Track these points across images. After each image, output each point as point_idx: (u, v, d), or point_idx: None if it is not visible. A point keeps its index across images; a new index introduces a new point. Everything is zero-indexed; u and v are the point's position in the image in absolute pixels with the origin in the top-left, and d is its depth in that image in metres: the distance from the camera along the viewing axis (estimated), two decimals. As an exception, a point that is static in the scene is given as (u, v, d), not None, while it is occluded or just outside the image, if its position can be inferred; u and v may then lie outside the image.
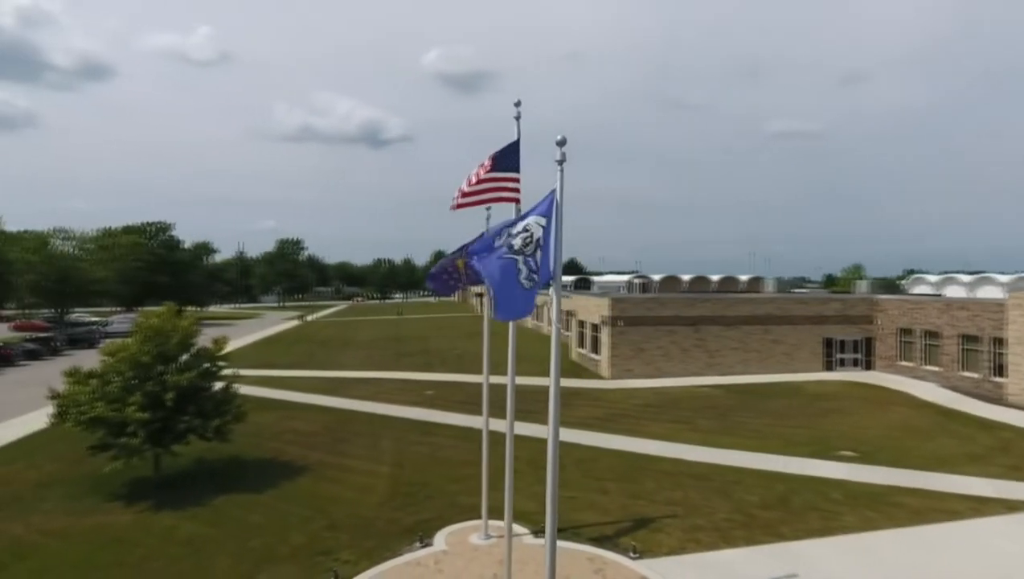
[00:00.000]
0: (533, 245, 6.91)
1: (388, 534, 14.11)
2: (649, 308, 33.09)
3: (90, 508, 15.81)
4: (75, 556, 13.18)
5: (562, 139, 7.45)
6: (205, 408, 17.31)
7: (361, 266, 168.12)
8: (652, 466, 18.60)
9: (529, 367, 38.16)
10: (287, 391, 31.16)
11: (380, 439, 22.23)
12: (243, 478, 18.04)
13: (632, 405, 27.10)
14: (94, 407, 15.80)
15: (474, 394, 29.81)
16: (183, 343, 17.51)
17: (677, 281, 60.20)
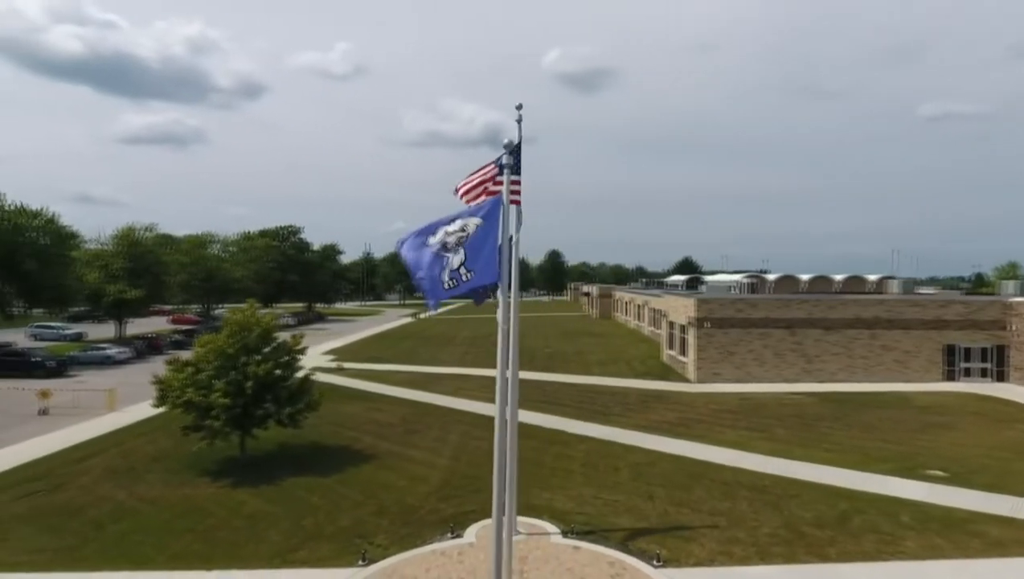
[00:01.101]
0: (465, 240, 7.17)
1: (427, 523, 14.76)
2: (739, 309, 31.47)
3: (183, 481, 17.92)
4: (158, 521, 15.07)
5: (509, 143, 7.60)
6: (281, 397, 18.98)
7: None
8: (709, 474, 17.90)
9: (618, 369, 37.89)
10: (380, 384, 33.07)
11: (448, 433, 23.10)
12: (315, 463, 19.55)
13: (711, 410, 26.02)
14: (185, 392, 17.90)
15: (553, 393, 30.11)
16: (263, 337, 19.29)
17: (795, 281, 56.53)
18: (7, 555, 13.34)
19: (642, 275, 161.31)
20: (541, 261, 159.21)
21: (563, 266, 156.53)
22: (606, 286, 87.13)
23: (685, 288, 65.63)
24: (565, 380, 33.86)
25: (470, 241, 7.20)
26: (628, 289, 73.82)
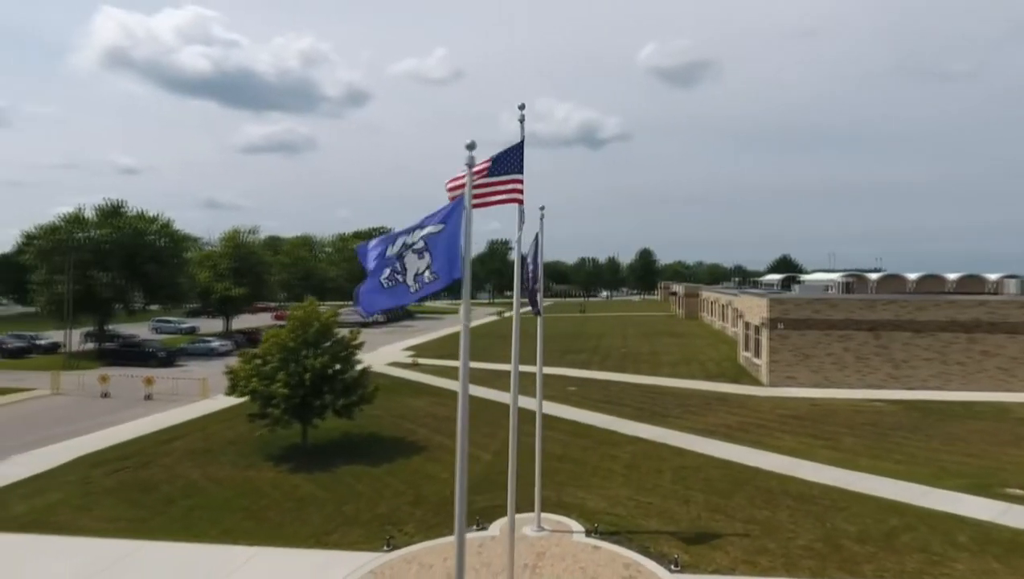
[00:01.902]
0: (407, 249, 7.44)
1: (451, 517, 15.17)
2: (816, 309, 29.69)
3: (249, 464, 19.43)
4: (220, 499, 16.49)
5: (471, 143, 7.83)
6: (337, 389, 20.14)
7: (571, 264, 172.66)
8: (756, 481, 17.19)
9: (690, 370, 36.83)
10: (447, 379, 34.04)
11: (499, 428, 23.46)
12: (370, 452, 20.57)
13: (776, 415, 24.82)
14: (250, 382, 19.41)
15: (616, 393, 29.82)
16: (321, 332, 20.52)
17: (901, 281, 52.61)
18: (90, 522, 15.09)
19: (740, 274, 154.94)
20: (632, 260, 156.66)
21: (654, 265, 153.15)
22: (693, 285, 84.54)
23: (780, 288, 62.60)
24: (632, 380, 33.37)
25: (434, 245, 7.49)
26: (714, 289, 71.24)
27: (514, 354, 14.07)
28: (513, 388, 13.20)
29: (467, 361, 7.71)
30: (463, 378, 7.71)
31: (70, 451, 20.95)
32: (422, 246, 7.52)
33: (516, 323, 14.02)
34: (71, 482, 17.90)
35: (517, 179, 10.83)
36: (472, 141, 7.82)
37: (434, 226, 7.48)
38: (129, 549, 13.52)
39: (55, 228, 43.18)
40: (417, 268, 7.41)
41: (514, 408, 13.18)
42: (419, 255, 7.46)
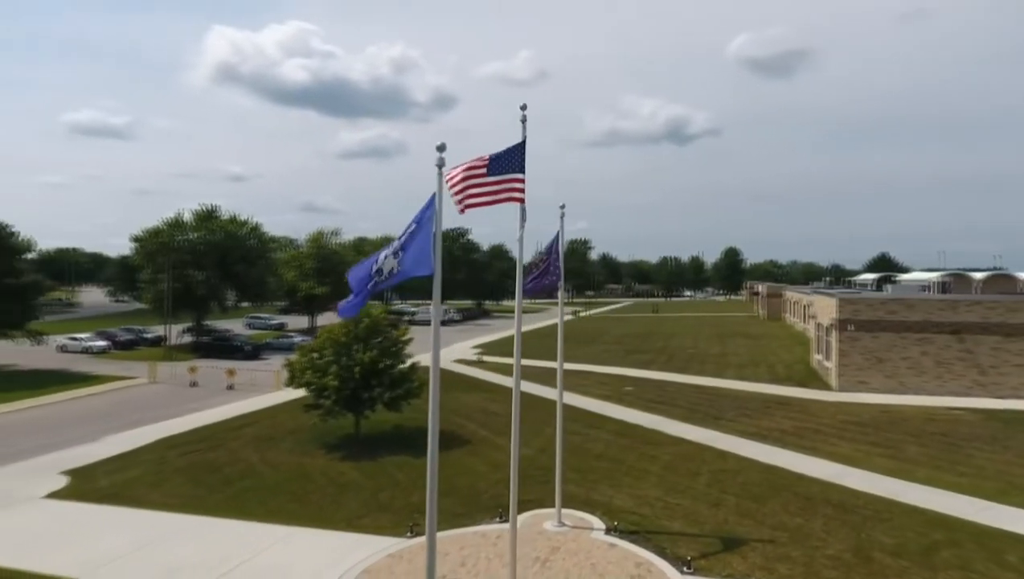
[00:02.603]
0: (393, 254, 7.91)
1: (484, 507, 15.64)
2: (891, 310, 27.81)
3: (304, 451, 20.72)
4: (272, 482, 17.74)
5: (442, 145, 8.19)
6: (384, 382, 21.08)
7: (654, 263, 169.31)
8: (796, 487, 16.54)
9: (756, 372, 35.53)
10: (506, 377, 34.55)
11: (546, 425, 23.68)
12: (416, 444, 21.34)
13: (837, 421, 23.57)
14: (304, 374, 20.70)
15: (672, 394, 29.32)
16: (370, 328, 21.54)
17: (1011, 281, 48.52)
18: (157, 497, 16.67)
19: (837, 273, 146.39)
20: (717, 259, 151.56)
21: (740, 264, 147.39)
22: (776, 285, 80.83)
23: (873, 288, 58.98)
24: (692, 382, 32.61)
25: (408, 244, 7.94)
26: (798, 289, 67.84)
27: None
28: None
29: (438, 355, 8.11)
30: (434, 378, 8.10)
31: (154, 434, 23.09)
32: (399, 247, 7.98)
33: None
34: (149, 461, 19.79)
35: (518, 178, 11.02)
36: (442, 143, 8.19)
37: (412, 227, 7.92)
38: (185, 523, 14.87)
39: (158, 231, 47.35)
40: (390, 265, 7.88)
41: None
42: (394, 254, 7.91)
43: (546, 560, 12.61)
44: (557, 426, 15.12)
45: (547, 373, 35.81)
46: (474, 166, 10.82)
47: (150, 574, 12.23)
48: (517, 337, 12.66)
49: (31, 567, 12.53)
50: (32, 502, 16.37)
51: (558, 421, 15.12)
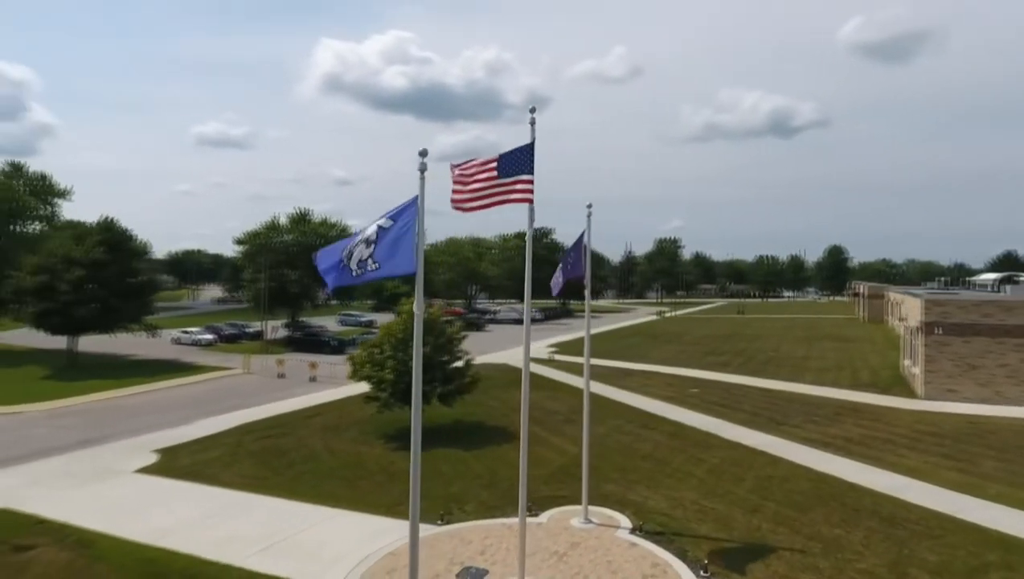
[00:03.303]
0: (359, 241, 8.45)
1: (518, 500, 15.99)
2: (985, 313, 25.43)
3: (364, 441, 21.96)
4: (328, 467, 19.00)
5: (423, 150, 8.66)
6: (437, 377, 21.95)
7: (750, 262, 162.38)
8: (844, 497, 15.76)
9: (837, 377, 33.68)
10: (573, 376, 34.69)
11: (600, 425, 23.71)
12: (469, 438, 22.10)
13: (912, 431, 21.99)
14: (363, 368, 21.94)
15: (738, 397, 28.44)
16: (425, 325, 22.43)
17: None
18: (228, 475, 18.32)
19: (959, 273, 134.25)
20: (820, 258, 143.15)
21: (845, 263, 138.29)
22: (877, 286, 75.28)
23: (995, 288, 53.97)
24: (764, 385, 31.38)
25: (380, 238, 8.48)
26: (901, 289, 62.91)
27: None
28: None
29: (420, 353, 8.62)
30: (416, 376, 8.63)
31: (236, 419, 25.21)
32: (373, 238, 8.53)
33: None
34: (227, 444, 21.70)
35: (527, 179, 11.29)
36: (424, 149, 8.68)
37: (385, 221, 8.48)
38: (246, 500, 16.32)
39: (257, 233, 51.20)
40: (362, 255, 8.45)
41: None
42: (367, 244, 8.48)
43: (564, 555, 12.85)
44: (584, 425, 15.27)
45: (615, 373, 35.65)
46: (485, 168, 11.24)
47: (205, 543, 13.58)
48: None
49: (110, 530, 14.26)
50: (124, 475, 18.48)
51: (584, 420, 15.27)
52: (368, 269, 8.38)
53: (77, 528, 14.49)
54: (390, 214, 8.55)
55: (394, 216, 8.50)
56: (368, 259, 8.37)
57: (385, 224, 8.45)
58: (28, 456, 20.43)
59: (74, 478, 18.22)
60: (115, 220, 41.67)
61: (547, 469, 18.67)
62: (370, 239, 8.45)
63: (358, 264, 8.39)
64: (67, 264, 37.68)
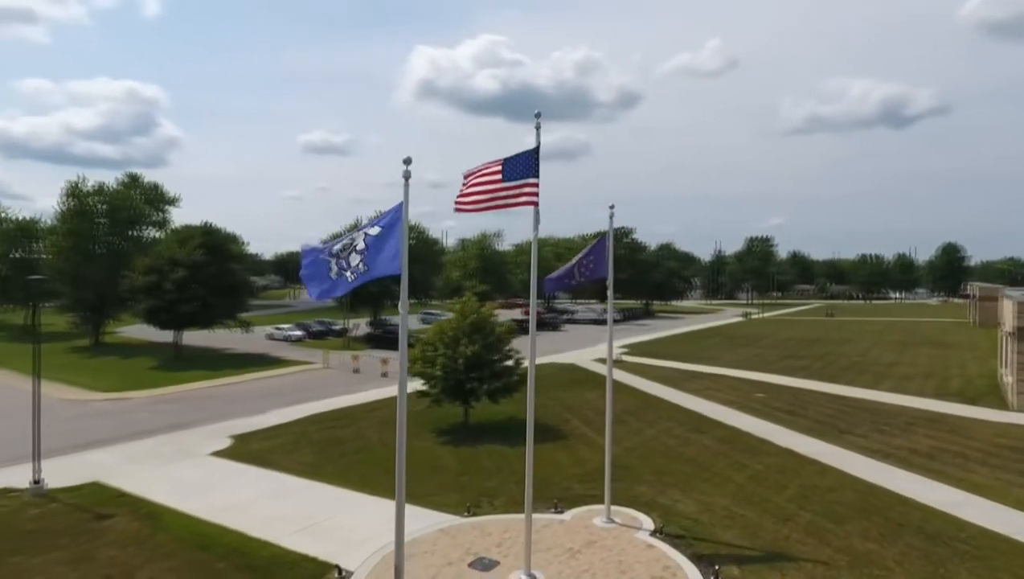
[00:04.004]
0: (349, 250, 9.03)
1: (548, 497, 16.28)
2: (1089, 319, 22.87)
3: (417, 435, 22.82)
4: (378, 458, 19.98)
5: (408, 158, 9.18)
6: (484, 375, 22.57)
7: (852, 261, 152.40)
8: (889, 511, 14.92)
9: (921, 386, 31.54)
10: (637, 377, 34.39)
11: (650, 426, 23.56)
12: (516, 435, 22.27)
13: (991, 445, 20.25)
14: (416, 364, 22.93)
15: (804, 404, 27.30)
16: (475, 324, 23.14)
17: None
18: (288, 462, 19.74)
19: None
20: (932, 257, 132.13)
21: (961, 262, 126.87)
22: (991, 287, 68.57)
23: None
24: (836, 392, 29.79)
25: (369, 244, 9.08)
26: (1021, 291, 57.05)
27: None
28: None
29: (405, 351, 9.18)
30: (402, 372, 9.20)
31: (306, 410, 26.97)
32: (363, 247, 9.18)
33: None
34: (293, 432, 23.34)
35: (532, 183, 11.61)
36: (408, 157, 9.23)
37: (374, 230, 9.11)
38: (296, 484, 17.64)
39: (337, 235, 54.06)
40: (354, 263, 9.10)
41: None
42: (359, 254, 9.13)
43: (578, 552, 13.06)
44: (607, 425, 15.36)
45: (681, 375, 34.98)
46: (490, 172, 11.67)
47: (253, 521, 14.85)
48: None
49: (176, 505, 15.88)
50: (199, 458, 20.38)
51: (608, 420, 15.36)
52: (359, 273, 9.05)
53: (150, 502, 16.25)
54: (377, 223, 9.18)
55: (383, 224, 9.13)
56: (359, 264, 9.04)
57: (374, 232, 9.09)
58: (127, 437, 22.92)
59: (158, 458, 20.32)
60: (213, 224, 45.41)
61: (584, 468, 18.82)
62: (360, 248, 9.11)
63: (351, 271, 9.07)
64: (172, 265, 41.51)
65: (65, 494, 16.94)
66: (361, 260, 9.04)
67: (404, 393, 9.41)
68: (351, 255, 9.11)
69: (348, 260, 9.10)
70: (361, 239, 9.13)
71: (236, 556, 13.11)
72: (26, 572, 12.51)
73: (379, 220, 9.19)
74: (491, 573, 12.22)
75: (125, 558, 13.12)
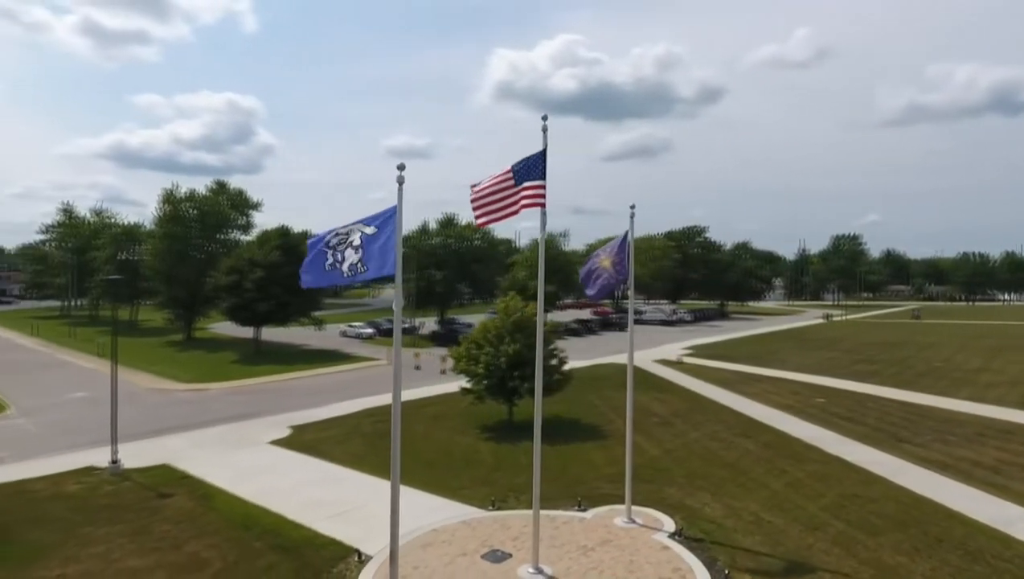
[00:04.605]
0: (344, 245, 9.58)
1: (575, 494, 16.50)
2: None
3: (461, 430, 23.58)
4: (420, 450, 20.80)
5: (401, 164, 9.65)
6: (526, 374, 22.89)
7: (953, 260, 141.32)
8: (929, 525, 14.16)
9: (1004, 394, 29.61)
10: (694, 379, 33.74)
11: (695, 429, 23.17)
12: (559, 434, 22.69)
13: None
14: (460, 362, 23.59)
15: (868, 410, 26.26)
16: (517, 323, 23.51)
17: None
18: (336, 452, 20.85)
19: None
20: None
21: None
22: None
23: None
24: (904, 398, 28.16)
25: (365, 243, 9.63)
26: None
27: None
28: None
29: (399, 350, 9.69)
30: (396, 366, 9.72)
31: (362, 405, 28.22)
32: (359, 244, 9.74)
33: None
34: (346, 425, 24.56)
35: (540, 185, 11.90)
36: (402, 163, 9.72)
37: (369, 228, 9.66)
38: (340, 473, 18.67)
39: (407, 237, 55.84)
40: (352, 260, 9.68)
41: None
42: (355, 250, 9.70)
43: (591, 549, 13.21)
44: (627, 427, 15.37)
45: (741, 378, 34.02)
46: (502, 178, 12.04)
47: (293, 505, 15.88)
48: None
49: (229, 488, 17.20)
50: (259, 445, 21.86)
51: (628, 422, 15.37)
52: (358, 272, 9.64)
53: (207, 484, 17.68)
54: (373, 222, 9.72)
55: (377, 224, 9.68)
56: (358, 263, 9.63)
57: (370, 231, 9.65)
58: (199, 424, 24.85)
59: (223, 444, 21.96)
60: (290, 227, 48.12)
61: (617, 468, 18.76)
62: (356, 244, 9.69)
63: (349, 267, 9.67)
64: (251, 265, 44.34)
65: (137, 474, 18.68)
66: (359, 259, 9.63)
67: (399, 392, 9.92)
68: (347, 250, 9.70)
69: (344, 254, 9.70)
70: (357, 236, 9.70)
71: (271, 536, 14.14)
72: (92, 541, 14.00)
73: (374, 219, 9.74)
74: (502, 565, 12.59)
75: (176, 533, 14.41)
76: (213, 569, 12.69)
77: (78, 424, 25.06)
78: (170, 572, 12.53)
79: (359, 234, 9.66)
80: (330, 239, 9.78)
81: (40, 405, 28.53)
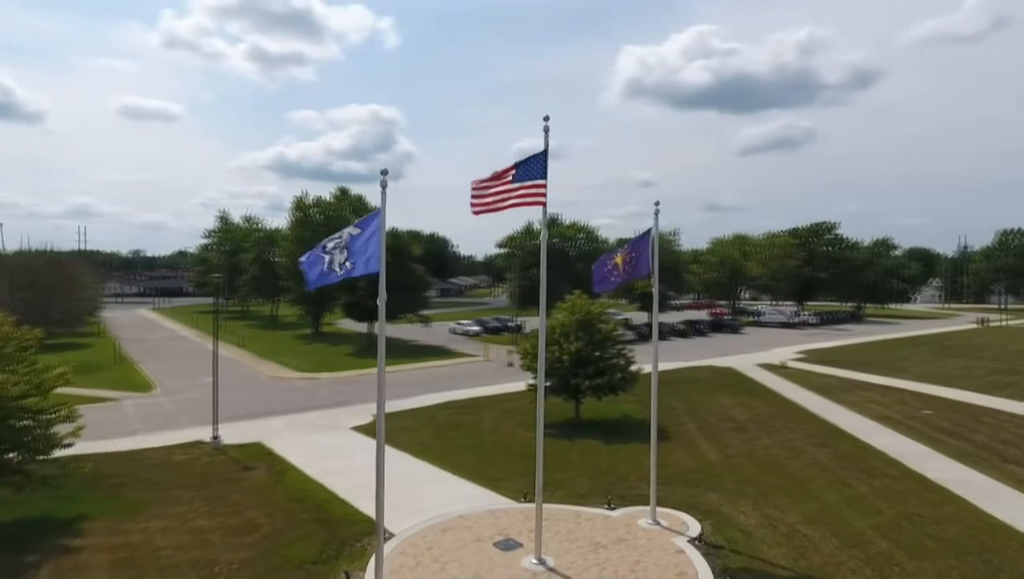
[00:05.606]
0: (341, 246, 10.44)
1: (610, 493, 16.47)
2: None
3: (526, 425, 23.98)
4: (479, 443, 21.69)
5: (385, 169, 10.37)
6: (589, 372, 23.02)
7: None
8: (992, 553, 12.77)
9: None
10: (791, 384, 31.80)
11: (768, 434, 22.14)
12: (619, 434, 22.66)
13: None
14: (526, 358, 24.17)
15: (981, 425, 23.74)
16: (582, 322, 23.66)
17: None
18: (404, 439, 22.23)
19: None
20: None
21: None
22: None
23: None
24: None
25: (351, 244, 10.49)
26: None
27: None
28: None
29: (382, 351, 10.49)
30: (380, 366, 10.53)
31: (447, 397, 29.60)
32: (344, 244, 10.67)
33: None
34: (423, 415, 26.01)
35: (540, 184, 12.21)
36: (385, 168, 10.49)
37: (354, 229, 10.57)
38: (397, 458, 19.90)
39: (513, 238, 57.24)
40: (339, 260, 10.62)
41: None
42: (340, 251, 10.64)
43: (602, 547, 13.29)
44: (652, 430, 15.17)
45: (845, 385, 31.63)
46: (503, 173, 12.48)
47: (344, 485, 17.33)
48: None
49: (300, 466, 19.08)
50: (341, 430, 23.85)
51: (652, 426, 15.16)
52: (345, 269, 10.60)
53: (285, 461, 19.72)
54: (360, 224, 10.64)
55: (362, 225, 10.58)
56: (345, 262, 10.59)
57: (355, 232, 10.58)
58: (300, 409, 27.48)
59: (311, 427, 24.21)
60: (397, 229, 51.21)
61: (668, 471, 18.49)
62: (344, 245, 10.65)
63: (339, 265, 10.65)
64: (363, 265, 47.90)
65: (233, 449, 21.20)
66: (347, 258, 10.59)
67: (383, 389, 10.71)
68: (339, 252, 10.69)
69: (336, 255, 10.71)
70: (346, 237, 10.67)
71: (318, 510, 15.62)
72: (178, 502, 16.25)
73: (361, 223, 10.66)
74: (510, 553, 13.06)
75: (245, 501, 16.34)
76: (260, 533, 14.32)
77: (204, 404, 28.70)
78: (225, 533, 14.32)
79: (348, 235, 10.63)
80: (327, 244, 10.84)
81: (179, 386, 32.88)
